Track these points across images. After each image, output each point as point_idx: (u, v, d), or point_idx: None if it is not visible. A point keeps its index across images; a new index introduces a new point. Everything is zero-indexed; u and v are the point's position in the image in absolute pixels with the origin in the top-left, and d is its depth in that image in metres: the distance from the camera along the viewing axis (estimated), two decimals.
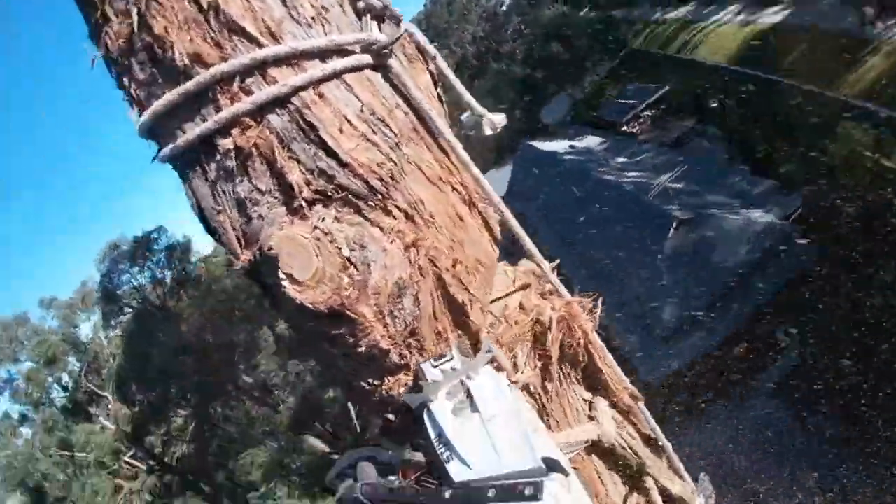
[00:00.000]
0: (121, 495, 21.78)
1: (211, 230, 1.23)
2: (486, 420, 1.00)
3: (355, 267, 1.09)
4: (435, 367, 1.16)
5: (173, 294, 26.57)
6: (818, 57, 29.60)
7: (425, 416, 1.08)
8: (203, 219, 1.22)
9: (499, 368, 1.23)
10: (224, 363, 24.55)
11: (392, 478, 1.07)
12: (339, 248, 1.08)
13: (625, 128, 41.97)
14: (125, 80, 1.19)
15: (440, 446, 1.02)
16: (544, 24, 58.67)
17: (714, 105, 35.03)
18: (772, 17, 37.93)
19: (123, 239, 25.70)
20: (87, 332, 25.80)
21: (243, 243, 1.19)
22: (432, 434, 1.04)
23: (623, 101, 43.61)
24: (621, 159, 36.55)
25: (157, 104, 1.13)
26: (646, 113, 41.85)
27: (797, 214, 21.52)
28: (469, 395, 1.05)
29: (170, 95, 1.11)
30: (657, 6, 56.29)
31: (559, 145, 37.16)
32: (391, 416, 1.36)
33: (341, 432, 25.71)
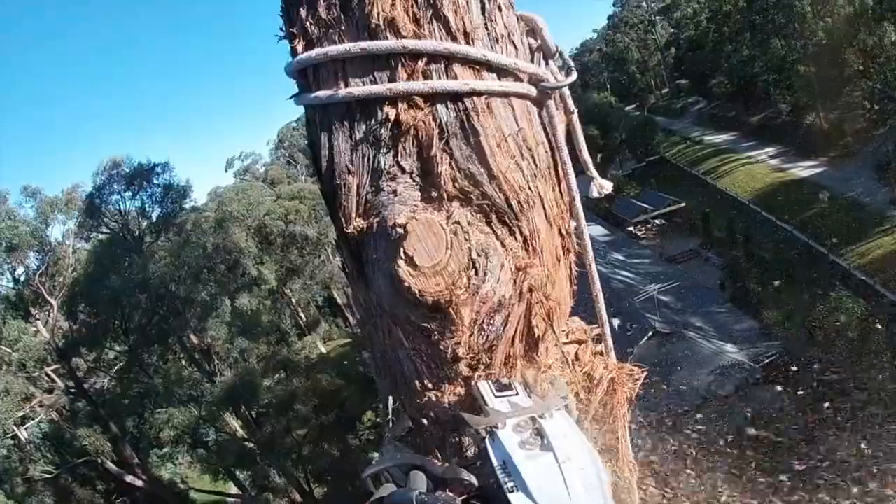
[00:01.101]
0: (29, 404, 20.99)
1: (332, 186, 1.22)
2: (561, 461, 1.00)
3: (476, 271, 1.11)
4: (497, 396, 1.16)
5: (154, 231, 26.25)
6: (835, 221, 30.27)
7: (488, 442, 1.06)
8: (329, 172, 1.21)
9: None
10: (176, 315, 24.07)
11: (440, 493, 1.05)
12: (470, 249, 1.10)
13: (632, 228, 42.59)
14: (302, 11, 1.17)
15: (504, 475, 1.00)
16: (588, 106, 60.04)
17: (722, 235, 35.69)
18: (805, 170, 38.63)
19: (127, 160, 25.43)
20: (58, 236, 25.17)
21: (361, 210, 1.19)
22: (495, 461, 1.02)
23: (638, 202, 44.26)
24: (619, 256, 37.00)
25: (334, 49, 1.13)
26: (656, 221, 42.52)
27: (769, 362, 21.74)
28: (539, 434, 1.05)
29: (351, 46, 1.11)
30: (701, 126, 57.89)
31: None
32: (425, 422, 1.36)
33: (264, 423, 25.11)
